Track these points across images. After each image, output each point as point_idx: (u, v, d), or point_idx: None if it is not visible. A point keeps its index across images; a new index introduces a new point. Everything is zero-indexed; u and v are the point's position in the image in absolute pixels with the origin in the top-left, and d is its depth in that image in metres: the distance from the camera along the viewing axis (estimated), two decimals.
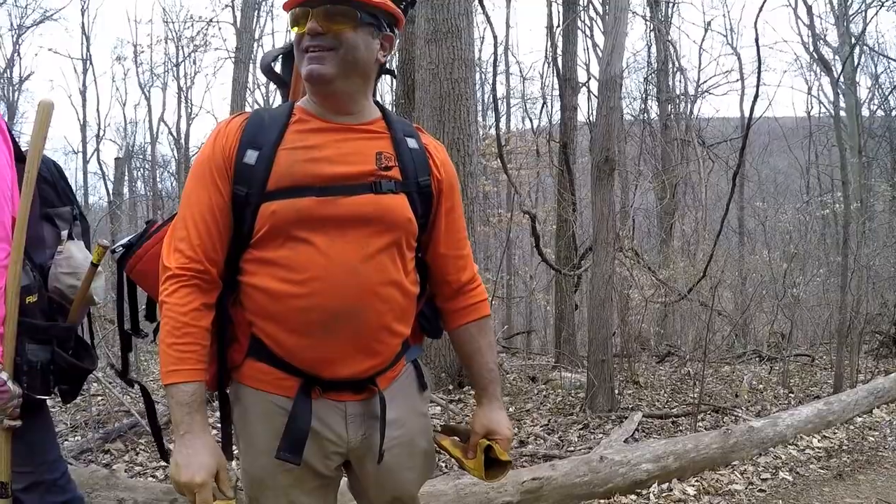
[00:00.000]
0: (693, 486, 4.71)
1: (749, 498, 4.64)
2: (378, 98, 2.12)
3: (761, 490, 4.77)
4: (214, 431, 1.89)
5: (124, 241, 2.08)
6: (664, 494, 4.54)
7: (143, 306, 2.19)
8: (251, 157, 1.81)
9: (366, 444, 1.96)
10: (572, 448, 5.67)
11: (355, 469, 2.06)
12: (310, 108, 1.91)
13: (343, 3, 1.81)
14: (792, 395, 8.22)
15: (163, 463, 5.00)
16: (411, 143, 1.97)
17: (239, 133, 1.85)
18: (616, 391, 7.33)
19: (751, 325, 13.67)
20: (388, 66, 2.07)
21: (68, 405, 7.00)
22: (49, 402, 2.58)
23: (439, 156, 2.03)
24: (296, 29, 1.84)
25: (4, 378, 2.25)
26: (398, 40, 1.97)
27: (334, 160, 1.83)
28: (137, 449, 5.50)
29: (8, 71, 25.19)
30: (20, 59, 36.41)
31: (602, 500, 4.38)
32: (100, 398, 7.01)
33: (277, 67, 2.21)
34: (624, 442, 5.48)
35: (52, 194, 2.61)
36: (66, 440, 5.66)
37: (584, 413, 6.88)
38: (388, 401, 1.94)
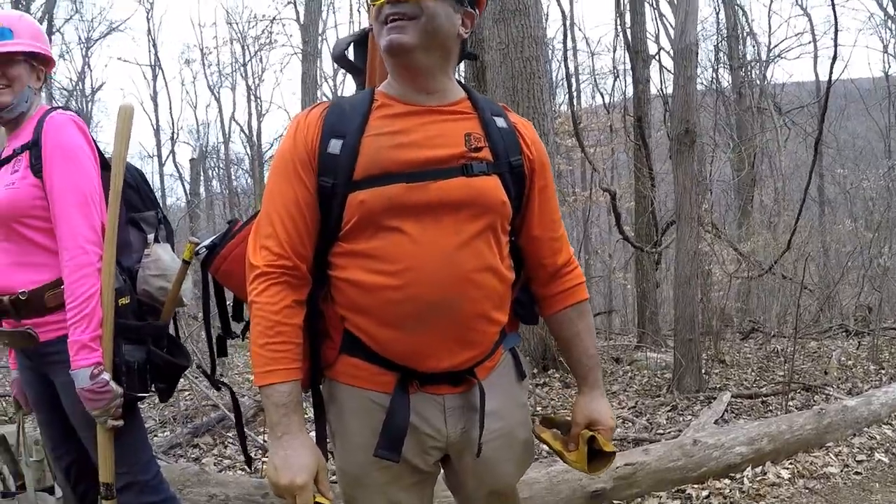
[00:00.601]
0: (787, 468, 4.61)
1: (845, 481, 4.52)
2: None
3: (857, 473, 4.64)
4: (310, 432, 1.86)
5: (207, 242, 2.03)
6: (758, 478, 4.45)
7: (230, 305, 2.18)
8: (335, 146, 1.75)
9: (465, 438, 1.89)
10: (661, 431, 5.62)
11: (454, 463, 1.98)
12: (391, 92, 1.84)
13: None
14: (883, 372, 7.98)
15: (252, 454, 5.11)
16: (500, 122, 1.87)
17: (320, 123, 1.79)
18: (703, 371, 7.22)
19: (836, 298, 13.30)
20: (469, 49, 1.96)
21: (157, 401, 7.22)
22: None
23: (529, 134, 1.93)
24: (376, 1, 1.74)
25: (107, 378, 2.32)
26: (478, 19, 1.89)
27: (422, 144, 1.75)
28: (226, 442, 5.60)
29: (80, 83, 25.86)
30: (90, 70, 37.36)
31: (696, 485, 4.31)
32: (187, 393, 7.17)
33: (350, 55, 2.12)
34: (714, 424, 5.40)
35: (136, 199, 2.67)
36: (155, 436, 5.80)
37: (671, 394, 6.82)
38: (486, 392, 1.85)
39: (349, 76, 1.81)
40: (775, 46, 22.03)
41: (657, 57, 15.72)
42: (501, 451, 1.96)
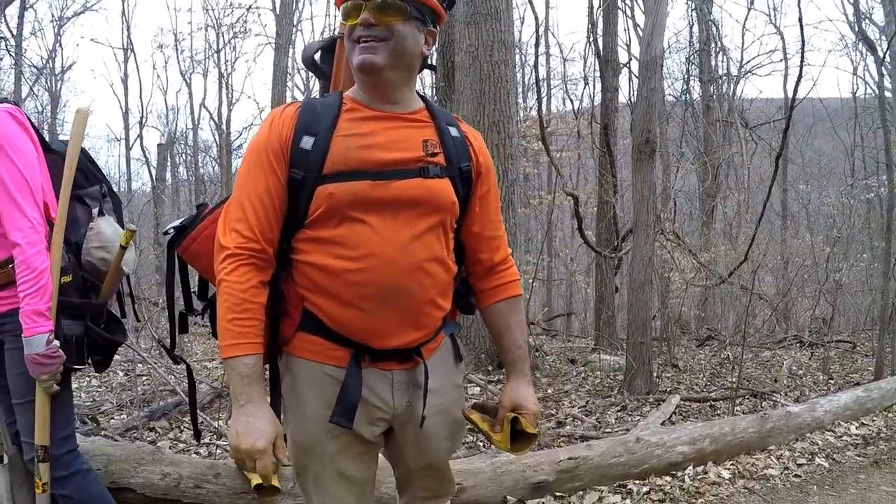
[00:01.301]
0: (728, 469, 4.73)
1: (784, 483, 4.65)
2: (418, 81, 2.25)
3: (797, 475, 4.77)
4: None
5: (175, 223, 2.16)
6: (699, 477, 4.57)
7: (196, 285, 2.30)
8: (307, 142, 1.91)
9: (409, 411, 2.07)
10: (609, 430, 5.70)
11: (397, 435, 2.16)
12: (359, 98, 2.01)
13: None
14: (832, 382, 8.16)
15: (206, 440, 5.13)
16: (453, 131, 2.09)
17: (294, 120, 1.95)
18: (655, 374, 7.34)
19: (792, 310, 13.57)
20: (429, 60, 2.16)
21: (115, 385, 7.22)
22: (94, 383, 2.77)
23: (477, 143, 2.15)
24: (348, 21, 1.94)
25: (58, 344, 2.54)
26: (442, 27, 2.11)
27: (385, 147, 1.94)
28: (181, 427, 5.64)
29: (51, 61, 25.52)
30: (62, 49, 36.86)
31: (637, 481, 4.42)
32: (144, 378, 7.17)
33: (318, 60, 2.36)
34: (661, 424, 5.51)
35: (79, 177, 2.81)
36: (112, 418, 5.82)
37: (621, 395, 6.91)
38: (429, 370, 2.05)
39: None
40: (747, 62, 22.36)
41: (628, 66, 15.89)
42: (439, 426, 2.16)
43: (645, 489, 4.34)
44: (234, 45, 29.38)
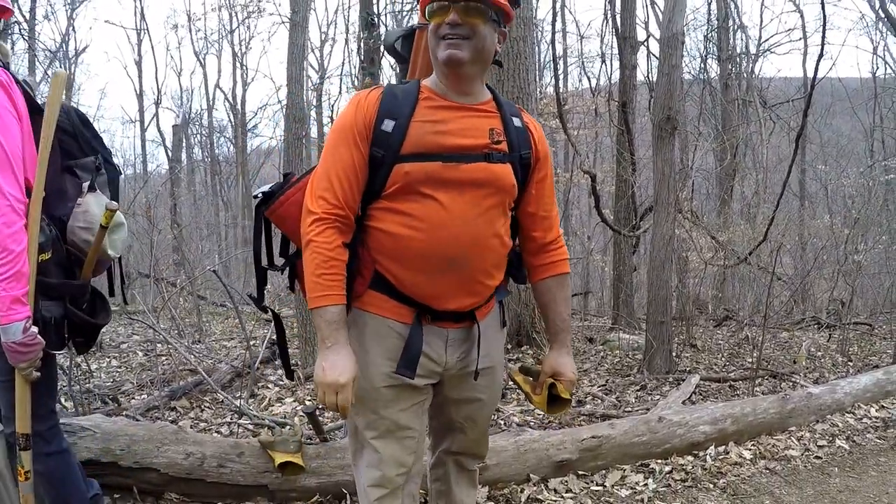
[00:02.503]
0: (749, 450, 4.73)
1: (805, 464, 4.64)
2: None
3: (817, 457, 4.77)
4: None
5: (264, 188, 2.46)
6: (721, 457, 4.57)
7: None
8: (388, 125, 2.18)
9: (459, 366, 2.39)
10: (629, 409, 5.71)
11: (445, 387, 2.45)
12: (435, 88, 2.27)
13: (477, 0, 2.15)
14: (850, 364, 8.09)
15: (227, 419, 5.18)
16: (516, 122, 2.34)
17: (377, 104, 2.21)
18: (674, 354, 7.33)
19: (810, 291, 13.44)
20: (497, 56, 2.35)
21: (135, 365, 7.26)
22: (114, 364, 2.73)
23: (537, 133, 2.42)
24: (434, 19, 2.20)
25: (36, 331, 2.43)
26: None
27: (456, 133, 2.20)
28: (202, 406, 5.70)
29: (64, 44, 25.49)
30: (75, 32, 36.81)
31: (659, 460, 4.43)
32: (164, 358, 7.21)
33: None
34: (682, 404, 5.51)
35: (73, 146, 2.73)
36: (132, 398, 5.87)
37: (641, 374, 6.91)
38: (482, 331, 2.36)
39: (335, 48, 2.15)
40: (765, 40, 22.12)
41: (646, 44, 15.73)
42: (483, 381, 2.44)
43: (667, 468, 4.34)
44: (248, 25, 29.31)
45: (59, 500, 2.79)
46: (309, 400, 5.76)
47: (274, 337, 7.47)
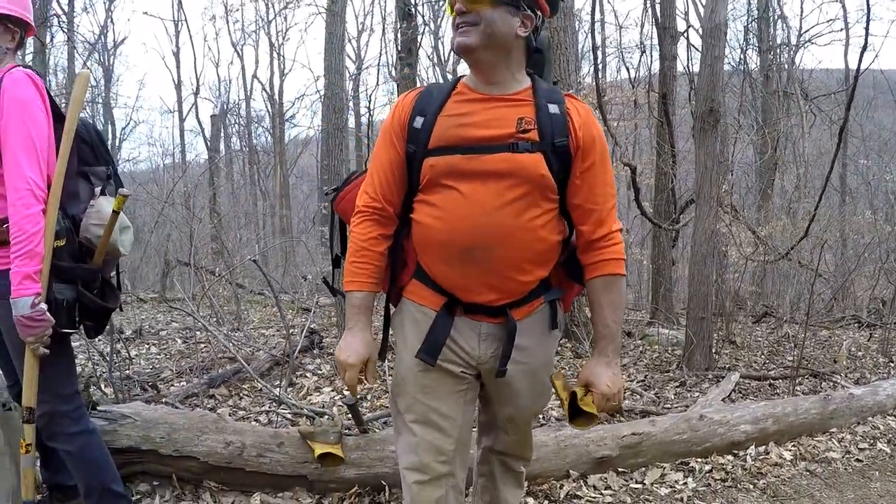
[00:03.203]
0: (790, 450, 4.67)
1: (846, 467, 4.57)
2: None
3: (858, 460, 4.69)
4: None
5: (335, 186, 2.67)
6: (761, 457, 4.52)
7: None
8: (419, 122, 2.24)
9: (493, 361, 2.34)
10: (668, 405, 5.68)
11: (485, 382, 2.45)
12: (469, 83, 2.29)
13: None
14: (892, 364, 7.97)
15: (266, 408, 5.21)
16: (552, 108, 2.22)
17: (412, 104, 2.29)
18: (713, 350, 7.25)
19: (851, 289, 13.24)
20: (537, 45, 2.30)
21: (174, 352, 7.32)
22: (153, 351, 2.82)
23: (581, 119, 2.24)
24: (449, 11, 2.23)
25: (44, 308, 2.63)
26: (539, 20, 2.29)
27: (480, 125, 2.19)
28: (241, 394, 5.73)
29: (103, 36, 25.88)
30: (113, 24, 37.32)
31: (699, 459, 4.39)
32: (203, 345, 7.27)
33: None
34: (721, 402, 5.45)
35: (89, 154, 2.95)
36: (171, 385, 5.93)
37: (680, 370, 6.87)
38: (519, 330, 2.30)
39: (373, 38, 2.21)
40: (806, 31, 21.78)
41: (685, 34, 15.54)
42: (522, 383, 2.40)
43: (707, 468, 4.31)
44: (286, 16, 29.46)
45: (90, 479, 2.95)
46: (347, 389, 5.78)
47: (313, 326, 7.57)
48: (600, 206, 2.29)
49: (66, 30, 19.21)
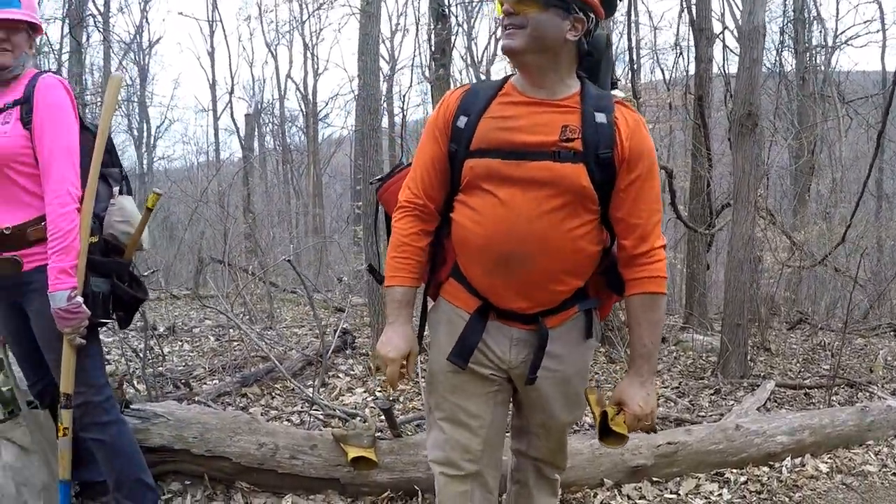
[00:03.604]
0: (826, 463, 4.59)
1: (882, 481, 4.47)
2: None
3: (895, 474, 4.59)
4: None
5: (381, 176, 2.69)
6: (797, 469, 4.44)
7: None
8: (462, 121, 2.22)
9: (523, 367, 2.33)
10: (703, 413, 5.62)
11: (517, 387, 2.43)
12: (516, 84, 2.24)
13: None
14: None
15: (298, 407, 5.23)
16: (600, 117, 2.15)
17: (457, 102, 2.27)
18: (748, 357, 7.18)
19: (887, 296, 13.04)
20: (588, 48, 2.22)
21: (206, 350, 7.37)
22: (186, 348, 2.88)
23: (629, 131, 2.16)
24: (499, 10, 2.18)
25: (80, 301, 2.74)
26: (592, 22, 2.19)
27: (523, 130, 2.15)
28: (273, 393, 5.74)
29: (138, 36, 26.20)
30: (148, 24, 37.75)
31: (734, 470, 4.32)
32: (236, 343, 7.30)
33: None
34: (756, 411, 5.39)
35: (106, 157, 2.99)
36: (204, 383, 5.95)
37: (715, 378, 6.80)
38: (552, 338, 2.28)
39: (406, 39, 2.17)
40: (842, 32, 21.42)
41: (721, 36, 15.37)
42: (554, 391, 2.39)
43: (742, 479, 4.24)
44: (319, 16, 29.59)
45: (122, 470, 3.04)
46: (380, 391, 5.79)
47: (345, 326, 7.58)
48: (644, 221, 2.22)
49: (101, 30, 19.46)
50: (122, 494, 3.03)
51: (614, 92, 2.37)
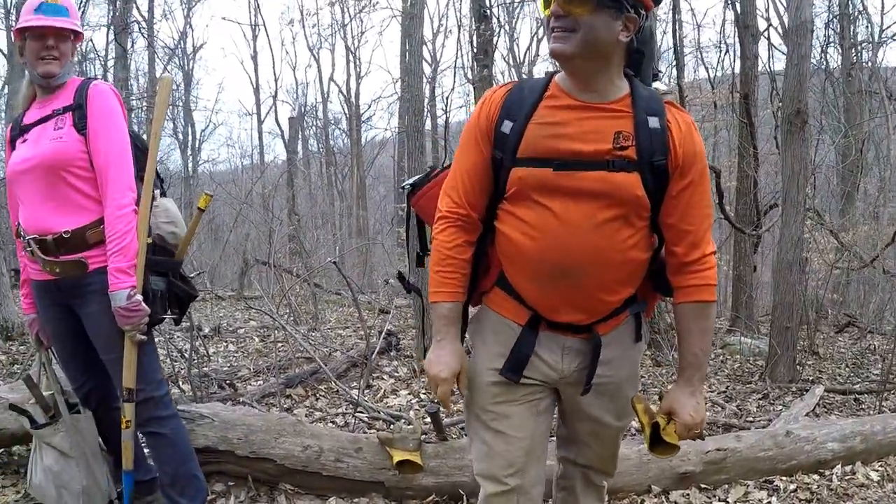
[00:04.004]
0: (877, 471, 4.48)
1: None
2: None
3: None
4: None
5: (411, 180, 2.57)
6: (847, 477, 4.35)
7: None
8: (507, 126, 2.09)
9: (576, 376, 2.24)
10: (751, 419, 5.55)
11: (565, 397, 2.35)
12: (562, 84, 2.10)
13: None
14: None
15: (342, 409, 5.24)
16: (653, 122, 2.03)
17: (500, 104, 2.13)
18: (797, 361, 7.07)
19: None
20: (637, 45, 2.09)
21: (251, 351, 7.44)
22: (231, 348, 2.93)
23: (681, 134, 2.05)
24: (544, 10, 2.03)
25: (140, 299, 2.83)
26: (644, 18, 2.06)
27: (574, 137, 2.01)
28: (317, 395, 5.78)
29: (182, 42, 26.57)
30: (192, 30, 38.22)
31: (784, 477, 4.24)
32: (281, 344, 7.35)
33: None
34: (805, 416, 5.30)
35: (143, 160, 3.05)
36: (248, 384, 6.02)
37: (763, 382, 6.72)
38: (604, 345, 2.19)
39: (448, 41, 2.12)
40: (888, 27, 21.03)
41: (766, 33, 15.13)
42: (605, 398, 2.30)
43: (792, 487, 4.17)
44: (361, 19, 29.74)
45: (179, 465, 3.12)
46: (424, 393, 5.80)
47: (390, 327, 7.60)
48: (696, 228, 2.12)
49: (146, 35, 19.81)
50: (176, 490, 3.09)
51: (656, 85, 2.26)
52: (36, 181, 2.88)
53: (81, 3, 16.24)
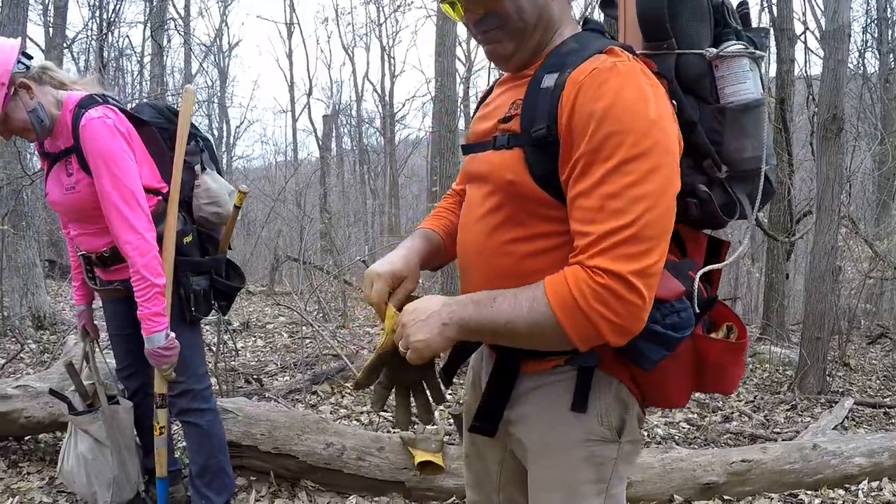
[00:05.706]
0: None
1: None
2: None
3: None
4: None
5: None
6: (873, 493, 4.27)
7: None
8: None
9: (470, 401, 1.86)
10: (778, 430, 5.48)
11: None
12: None
13: None
14: None
15: (367, 408, 5.27)
16: (547, 80, 1.47)
17: (482, 95, 1.88)
18: (827, 372, 6.97)
19: None
20: None
21: (279, 346, 7.47)
22: (259, 343, 2.93)
23: (574, 89, 1.40)
24: (452, 14, 1.60)
25: (173, 336, 2.89)
26: None
27: (484, 117, 1.68)
28: (343, 392, 5.79)
29: (218, 40, 26.87)
30: (228, 28, 38.56)
31: (809, 491, 4.19)
32: (308, 341, 7.39)
33: None
34: (833, 429, 5.23)
35: (173, 130, 3.07)
36: (275, 380, 6.05)
37: (792, 392, 6.63)
38: (522, 393, 1.65)
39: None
40: None
41: (803, 37, 14.92)
42: (515, 457, 1.80)
43: (817, 501, 4.11)
44: (396, 19, 29.80)
45: (210, 457, 3.19)
46: (449, 395, 5.80)
47: None
48: (585, 229, 1.39)
49: (182, 33, 20.03)
50: (203, 481, 3.17)
51: None
52: (66, 215, 3.04)
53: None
